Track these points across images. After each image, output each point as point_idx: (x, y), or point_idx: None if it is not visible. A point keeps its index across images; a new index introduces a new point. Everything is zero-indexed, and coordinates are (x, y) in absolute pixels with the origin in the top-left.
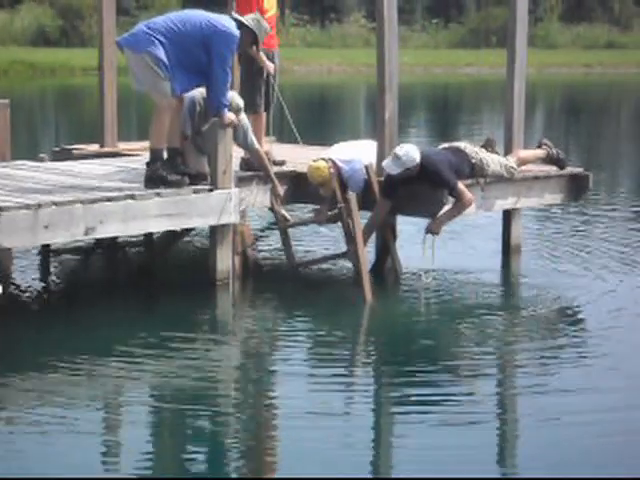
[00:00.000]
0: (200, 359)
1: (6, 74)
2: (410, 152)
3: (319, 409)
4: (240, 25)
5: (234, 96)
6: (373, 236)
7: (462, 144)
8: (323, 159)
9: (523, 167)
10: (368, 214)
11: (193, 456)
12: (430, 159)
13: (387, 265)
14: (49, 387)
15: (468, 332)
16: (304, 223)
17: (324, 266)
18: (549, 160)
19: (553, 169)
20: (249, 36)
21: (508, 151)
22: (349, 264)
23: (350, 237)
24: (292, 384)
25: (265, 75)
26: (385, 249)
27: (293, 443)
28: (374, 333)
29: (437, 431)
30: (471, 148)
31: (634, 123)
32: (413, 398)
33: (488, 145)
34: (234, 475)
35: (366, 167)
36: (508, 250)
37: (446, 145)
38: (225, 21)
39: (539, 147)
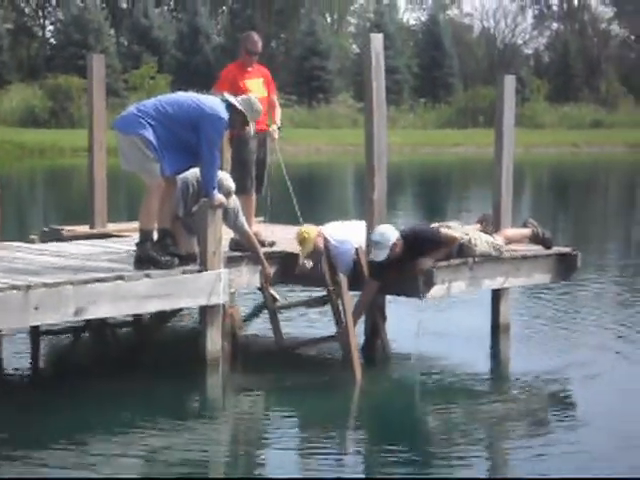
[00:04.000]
0: (190, 441)
1: None
2: (384, 232)
3: None
4: (230, 106)
5: (225, 179)
6: (362, 317)
7: (452, 224)
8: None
9: (510, 246)
10: (358, 294)
11: None
12: (409, 229)
13: (376, 346)
14: (37, 468)
15: (457, 414)
16: (294, 305)
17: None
18: (534, 239)
19: (541, 249)
20: (240, 117)
21: (497, 229)
22: (338, 345)
23: (339, 319)
24: (281, 468)
25: (256, 157)
26: (375, 331)
27: None
28: (364, 415)
29: None
30: (460, 229)
31: (621, 201)
32: None
33: (484, 220)
34: None
35: (356, 249)
36: (497, 329)
37: (437, 225)
38: (214, 104)
39: (524, 226)
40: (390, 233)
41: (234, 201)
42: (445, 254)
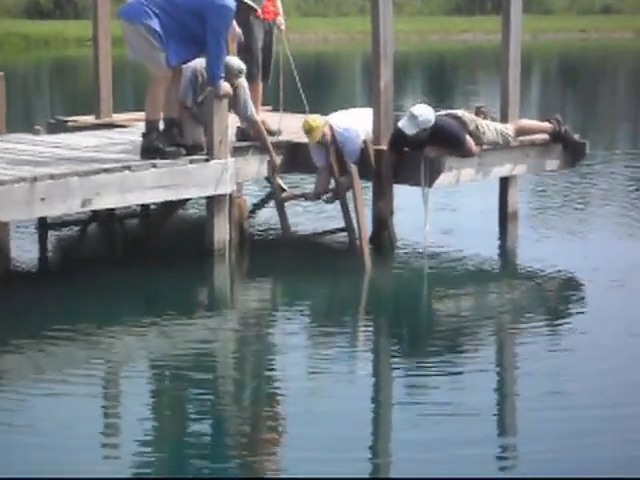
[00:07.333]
0: (199, 330)
1: (0, 47)
2: (426, 112)
3: (319, 382)
4: None
5: (234, 60)
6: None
7: (459, 112)
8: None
9: (524, 137)
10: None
11: (192, 428)
12: (442, 119)
13: (384, 237)
14: (46, 359)
15: (465, 300)
16: (301, 197)
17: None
18: (554, 136)
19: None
20: (244, 6)
21: (504, 116)
22: (345, 236)
23: (347, 212)
24: (292, 356)
25: (262, 45)
26: (382, 224)
27: (294, 415)
28: (374, 303)
29: (438, 396)
30: (468, 116)
31: (630, 88)
32: (413, 371)
33: (479, 113)
34: (233, 456)
35: (364, 141)
36: (505, 217)
37: (443, 112)
38: None
39: (548, 121)
40: (430, 116)
41: (244, 89)
42: (453, 155)
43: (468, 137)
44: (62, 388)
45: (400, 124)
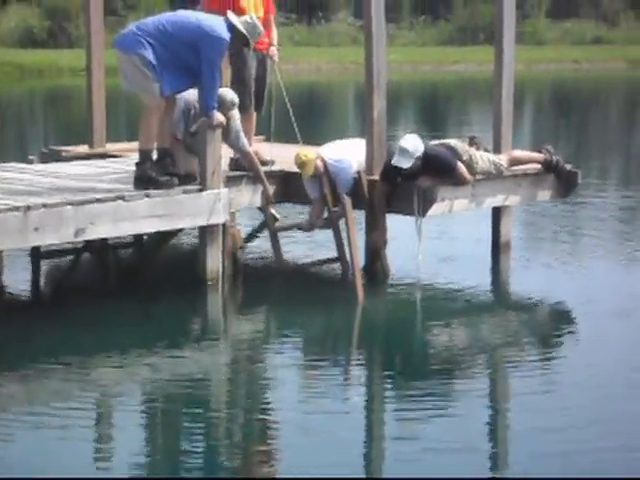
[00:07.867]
0: (191, 361)
1: None
2: (414, 142)
3: (312, 410)
4: (232, 27)
5: (227, 92)
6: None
7: (452, 141)
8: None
9: (516, 167)
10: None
11: (184, 459)
12: (431, 147)
13: (377, 268)
14: (38, 389)
15: (459, 331)
16: (295, 226)
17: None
18: (546, 166)
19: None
20: (241, 39)
21: (497, 147)
22: (339, 266)
23: (340, 243)
24: (284, 388)
25: (255, 75)
26: (375, 254)
27: (286, 447)
28: (367, 335)
29: (430, 430)
30: (461, 146)
31: (622, 118)
32: (406, 404)
33: (472, 144)
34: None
35: (358, 172)
36: (498, 247)
37: (436, 142)
38: (215, 24)
39: (539, 151)
40: (419, 144)
41: (236, 120)
42: (447, 184)
43: (460, 163)
44: (51, 420)
45: (394, 162)
